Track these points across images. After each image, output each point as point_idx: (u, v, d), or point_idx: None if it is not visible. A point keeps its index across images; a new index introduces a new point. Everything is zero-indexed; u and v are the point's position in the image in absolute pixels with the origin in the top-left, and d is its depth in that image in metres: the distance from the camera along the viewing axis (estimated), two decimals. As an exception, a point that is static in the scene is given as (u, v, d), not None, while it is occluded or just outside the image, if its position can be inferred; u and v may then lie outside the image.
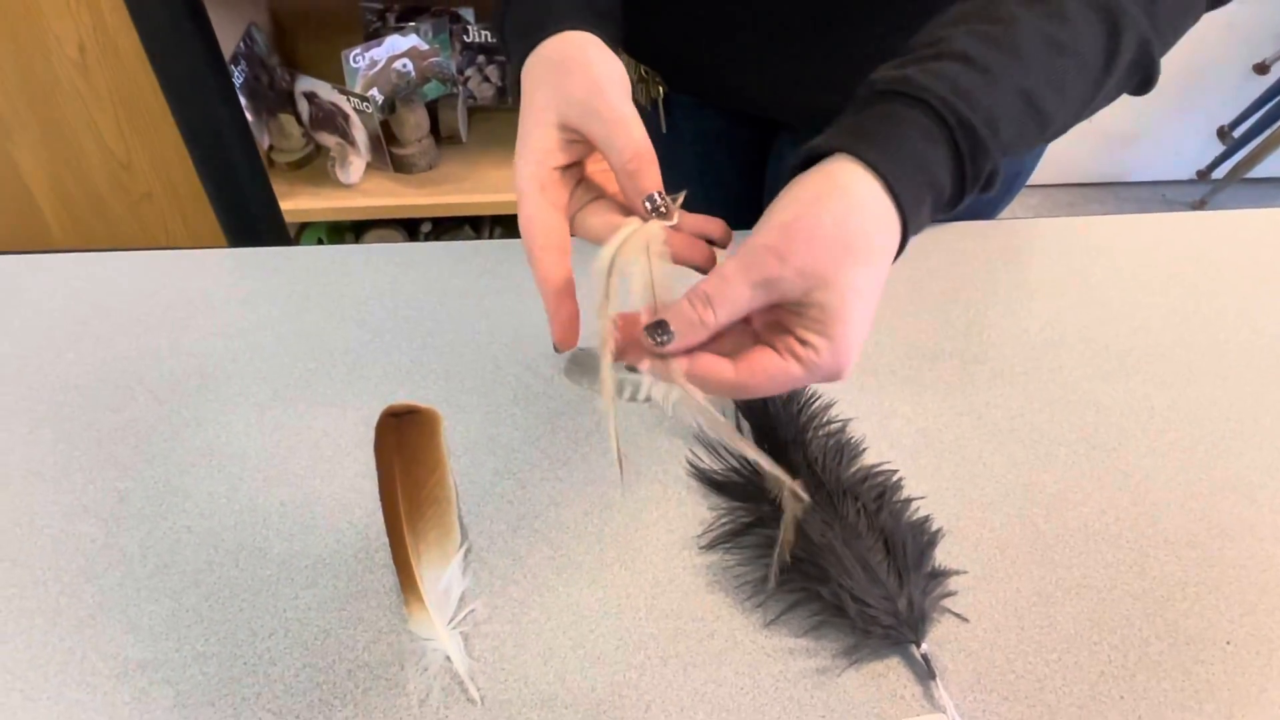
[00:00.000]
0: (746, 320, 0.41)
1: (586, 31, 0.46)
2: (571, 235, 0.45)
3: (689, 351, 0.39)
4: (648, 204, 0.42)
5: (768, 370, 0.38)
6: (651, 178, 0.42)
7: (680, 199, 0.43)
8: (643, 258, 0.40)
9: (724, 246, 0.45)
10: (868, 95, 0.42)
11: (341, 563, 0.55)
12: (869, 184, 0.38)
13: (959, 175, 0.40)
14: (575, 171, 0.46)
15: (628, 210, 0.44)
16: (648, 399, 0.65)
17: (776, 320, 0.40)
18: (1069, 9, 0.42)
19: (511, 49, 0.49)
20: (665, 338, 0.36)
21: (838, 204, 0.37)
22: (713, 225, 0.45)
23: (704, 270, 0.44)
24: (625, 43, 0.84)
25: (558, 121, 0.43)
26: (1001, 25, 0.41)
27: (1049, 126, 0.43)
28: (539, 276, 0.42)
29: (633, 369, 0.39)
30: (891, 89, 0.40)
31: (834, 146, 0.39)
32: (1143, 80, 0.46)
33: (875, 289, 0.38)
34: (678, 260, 0.43)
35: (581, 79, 0.43)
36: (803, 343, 0.38)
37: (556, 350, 0.43)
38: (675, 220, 0.42)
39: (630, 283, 0.40)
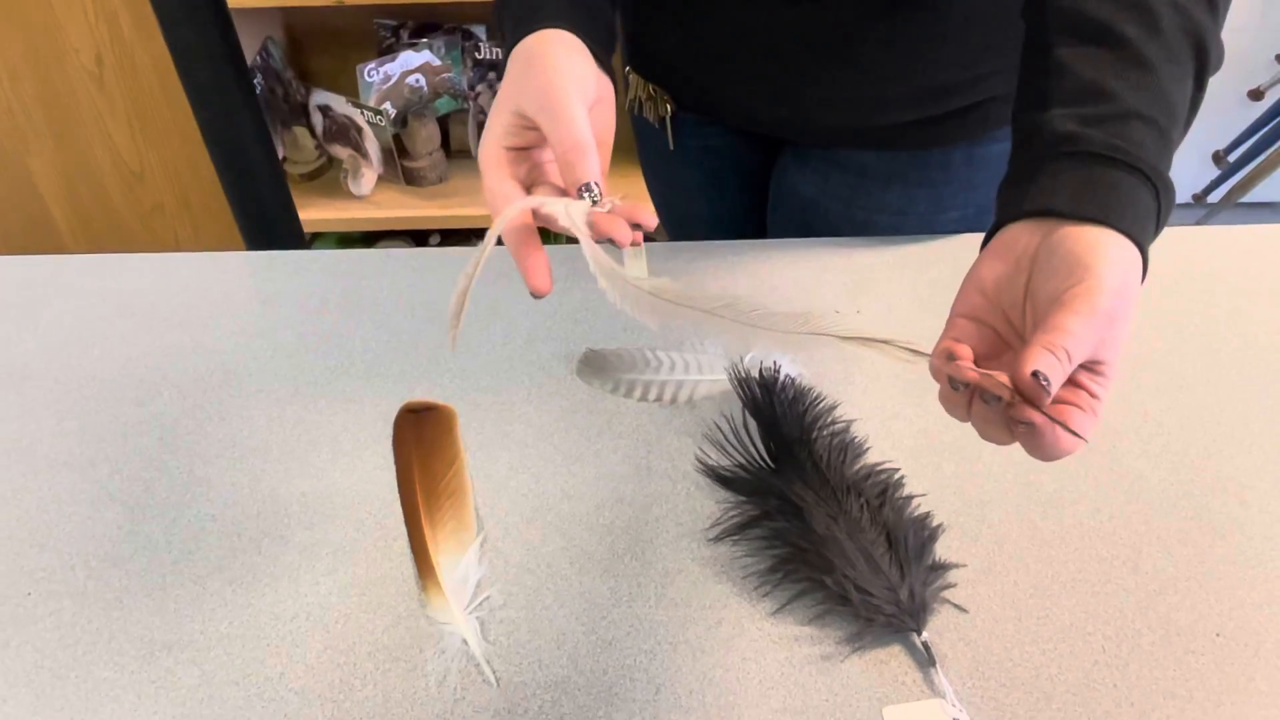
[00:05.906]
0: None
1: (564, 30, 0.50)
2: None
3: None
4: (582, 192, 0.45)
5: (1088, 431, 0.40)
6: (586, 169, 0.45)
7: (612, 198, 0.46)
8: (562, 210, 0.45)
9: (649, 229, 0.47)
10: (1071, 152, 0.42)
11: (361, 551, 0.57)
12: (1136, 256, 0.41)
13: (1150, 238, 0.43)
14: (527, 155, 0.51)
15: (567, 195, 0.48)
16: (658, 399, 0.67)
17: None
18: (1167, 33, 0.44)
19: (507, 42, 0.53)
20: (1049, 382, 0.38)
21: (1136, 278, 0.41)
22: (642, 213, 0.46)
23: (618, 244, 0.45)
24: (625, 45, 0.86)
25: (514, 109, 0.48)
26: (1150, 75, 0.44)
27: None
28: (507, 238, 0.47)
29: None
30: (1105, 154, 0.42)
31: (1094, 217, 0.41)
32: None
33: None
34: (598, 234, 0.45)
35: (540, 75, 0.48)
36: (1093, 395, 0.40)
37: (534, 297, 0.47)
38: (606, 207, 0.45)
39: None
